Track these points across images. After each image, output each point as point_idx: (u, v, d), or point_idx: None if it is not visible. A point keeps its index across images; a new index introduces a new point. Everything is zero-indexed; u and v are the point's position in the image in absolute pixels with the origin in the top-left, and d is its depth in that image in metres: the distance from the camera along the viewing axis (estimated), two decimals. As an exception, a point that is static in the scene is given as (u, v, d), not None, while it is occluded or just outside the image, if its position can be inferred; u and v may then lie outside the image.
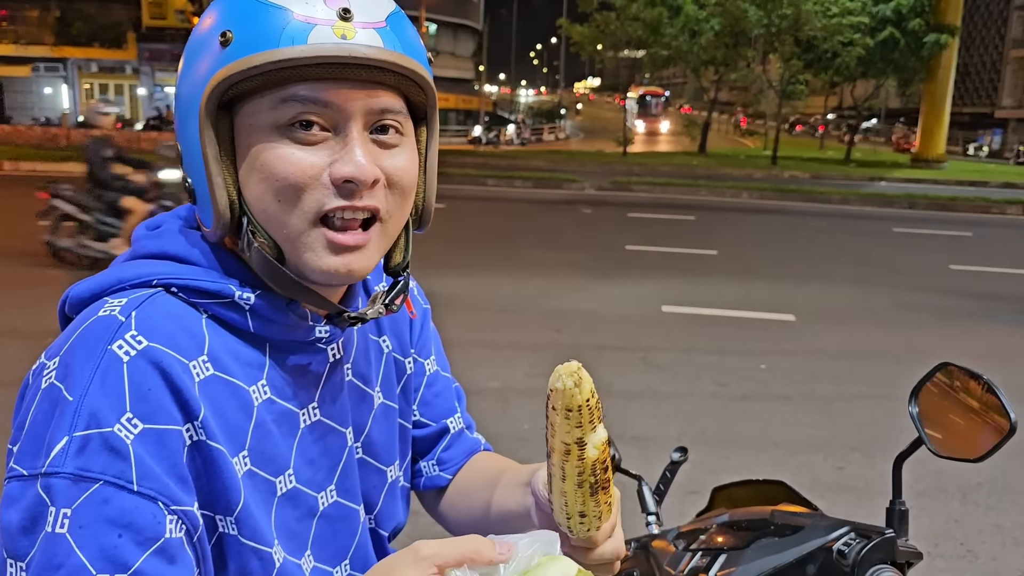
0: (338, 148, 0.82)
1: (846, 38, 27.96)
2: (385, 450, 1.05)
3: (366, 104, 0.83)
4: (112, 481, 0.73)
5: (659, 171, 23.85)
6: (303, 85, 0.80)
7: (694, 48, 29.85)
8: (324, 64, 0.80)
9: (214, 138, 0.83)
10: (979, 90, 56.96)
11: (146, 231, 0.92)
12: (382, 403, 1.05)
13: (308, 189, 0.82)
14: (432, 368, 1.17)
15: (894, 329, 7.81)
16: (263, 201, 0.83)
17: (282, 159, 0.81)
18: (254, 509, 0.85)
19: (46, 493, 0.72)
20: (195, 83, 0.83)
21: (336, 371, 0.96)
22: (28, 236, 9.37)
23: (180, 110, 0.87)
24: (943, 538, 3.94)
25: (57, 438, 0.74)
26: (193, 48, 0.86)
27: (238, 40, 0.80)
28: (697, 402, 5.65)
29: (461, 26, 53.34)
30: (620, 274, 9.85)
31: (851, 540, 1.06)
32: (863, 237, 13.77)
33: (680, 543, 1.33)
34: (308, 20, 0.79)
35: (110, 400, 0.75)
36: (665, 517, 1.65)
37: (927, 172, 28.25)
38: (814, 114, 49.88)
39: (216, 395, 0.82)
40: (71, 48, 35.86)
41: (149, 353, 0.78)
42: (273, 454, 0.88)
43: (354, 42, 0.80)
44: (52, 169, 19.11)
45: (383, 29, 0.82)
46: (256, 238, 0.84)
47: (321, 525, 0.94)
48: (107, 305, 0.81)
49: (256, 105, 0.82)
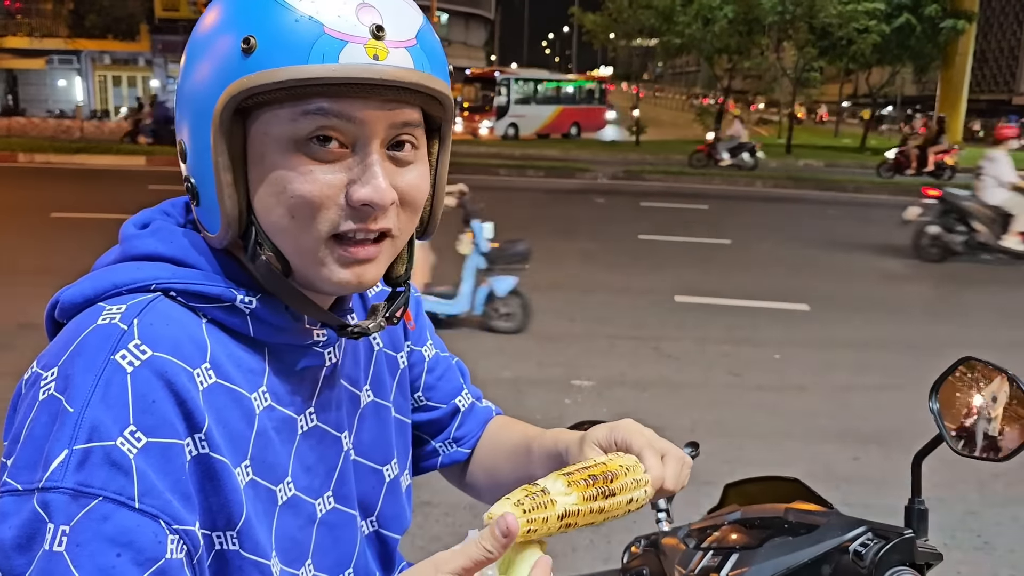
0: (356, 167, 0.79)
1: (861, 25, 27.67)
2: (378, 449, 1.03)
3: (388, 120, 0.80)
4: (112, 497, 0.70)
5: (672, 160, 23.72)
6: (327, 100, 0.77)
7: (707, 36, 29.61)
8: (353, 84, 0.76)
9: (226, 148, 0.79)
10: (996, 77, 56.45)
11: (136, 229, 0.88)
12: (371, 402, 1.02)
13: (324, 209, 0.79)
14: (431, 353, 1.16)
15: (911, 319, 7.74)
16: (275, 215, 0.80)
17: (299, 176, 0.78)
18: (255, 522, 0.82)
19: (44, 509, 0.69)
20: (208, 85, 0.79)
21: (332, 375, 0.94)
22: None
23: (188, 109, 0.82)
24: (960, 530, 3.90)
25: (56, 451, 0.70)
26: (200, 44, 0.81)
27: (263, 49, 0.75)
28: (711, 392, 5.62)
29: (473, 15, 53.26)
30: (633, 263, 9.82)
31: (868, 540, 1.02)
32: (878, 225, 13.65)
33: (691, 541, 1.30)
34: (340, 36, 0.76)
35: (113, 412, 0.72)
36: (676, 511, 1.62)
37: (943, 159, 27.97)
38: (830, 101, 49.53)
39: (219, 404, 0.80)
40: (85, 40, 35.97)
41: (154, 363, 0.75)
42: (273, 462, 0.86)
43: (386, 63, 0.77)
44: (66, 161, 19.24)
45: (414, 48, 0.79)
46: (263, 250, 0.82)
47: (321, 532, 0.92)
48: (105, 312, 0.77)
49: (274, 115, 0.78)
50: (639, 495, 0.87)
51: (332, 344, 0.92)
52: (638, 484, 0.87)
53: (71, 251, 8.62)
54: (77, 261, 0.93)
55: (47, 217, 11.36)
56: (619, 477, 0.84)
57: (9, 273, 8.13)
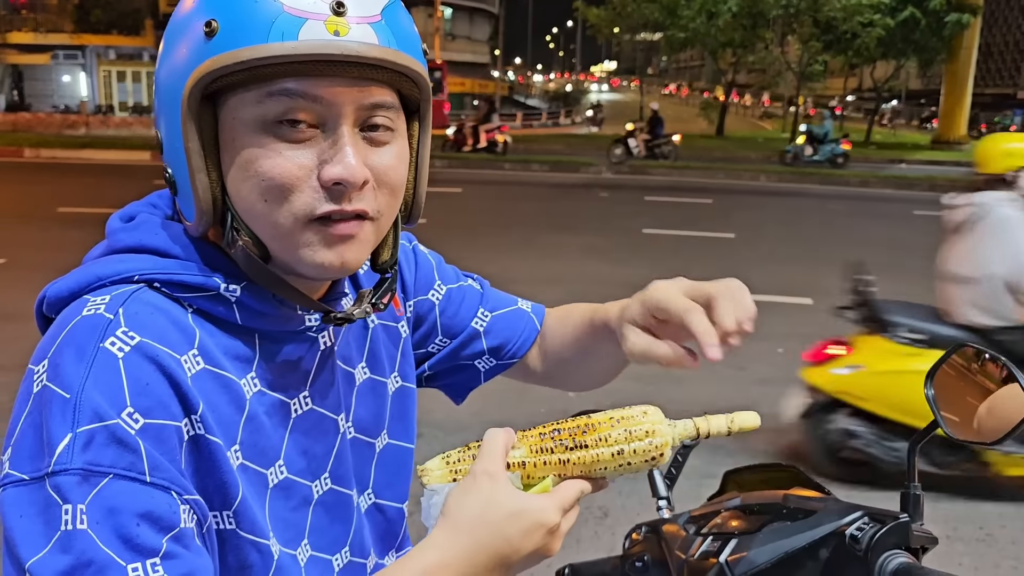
0: (327, 147, 0.80)
1: (866, 19, 27.61)
2: (374, 423, 1.03)
3: (357, 100, 0.80)
4: (123, 474, 0.72)
5: (676, 154, 23.68)
6: (292, 80, 0.77)
7: (711, 30, 29.59)
8: (315, 61, 0.77)
9: (196, 132, 0.79)
10: (1002, 70, 56.25)
11: (121, 223, 0.89)
12: (367, 379, 1.03)
13: (296, 190, 0.79)
14: (440, 293, 1.16)
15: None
16: (248, 199, 0.80)
17: (268, 158, 0.78)
18: (251, 502, 0.84)
19: (56, 492, 0.70)
20: (176, 72, 0.80)
21: (328, 358, 0.95)
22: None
23: (160, 97, 0.83)
24: (962, 522, 3.91)
25: (59, 436, 0.71)
26: (173, 32, 0.81)
27: (224, 31, 0.76)
28: (714, 385, 5.63)
29: (477, 10, 53.15)
30: (637, 258, 9.82)
31: (864, 525, 1.04)
32: (883, 220, 13.63)
33: (691, 527, 1.32)
34: (299, 14, 0.76)
35: (109, 396, 0.73)
36: (678, 501, 1.64)
37: (948, 154, 27.88)
38: (834, 96, 49.40)
39: (208, 389, 0.81)
40: (90, 35, 35.97)
41: (143, 348, 0.76)
42: (264, 446, 0.87)
43: (347, 39, 0.77)
44: (73, 156, 19.28)
45: (378, 24, 0.79)
46: (240, 236, 0.82)
47: (317, 513, 0.93)
48: (90, 303, 0.78)
49: (241, 99, 0.79)
50: (638, 447, 0.87)
51: (326, 328, 0.93)
52: (631, 436, 0.87)
53: (78, 246, 8.65)
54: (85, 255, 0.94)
55: (54, 212, 11.41)
56: (598, 430, 0.86)
57: (15, 269, 8.16)
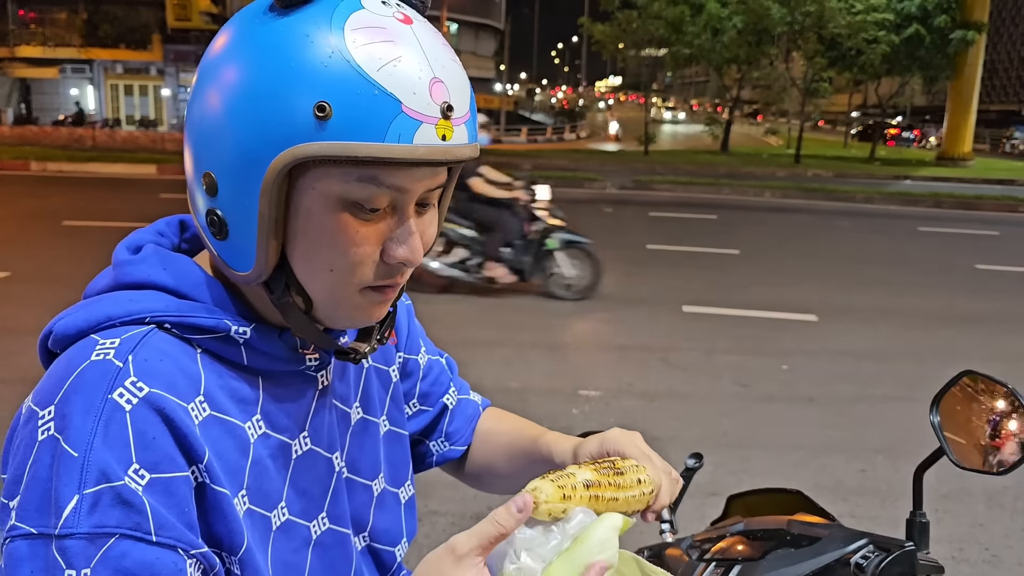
0: (393, 224, 0.81)
1: (871, 35, 27.68)
2: (368, 465, 1.03)
3: (428, 186, 0.82)
4: (129, 534, 0.71)
5: (681, 170, 23.70)
6: (383, 170, 0.76)
7: (716, 46, 29.66)
8: (423, 164, 0.78)
9: (276, 202, 0.77)
10: (1007, 87, 56.28)
11: (128, 254, 0.88)
12: (361, 418, 1.03)
13: (363, 265, 0.81)
14: (424, 359, 1.18)
15: (919, 330, 7.71)
16: (313, 267, 0.81)
17: (345, 235, 0.79)
18: (255, 550, 0.83)
19: (62, 556, 0.70)
20: (264, 137, 0.75)
21: (324, 397, 0.95)
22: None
23: (231, 150, 0.77)
24: (968, 543, 3.88)
25: (66, 497, 0.71)
26: (260, 93, 0.75)
27: (339, 119, 0.73)
28: (718, 403, 5.61)
29: (483, 26, 53.37)
30: (641, 273, 9.81)
31: (870, 553, 1.03)
32: (888, 236, 13.61)
33: (694, 552, 1.31)
34: (416, 116, 0.75)
35: (116, 453, 0.72)
36: (680, 522, 1.63)
37: (953, 170, 27.88)
38: (839, 112, 49.42)
39: (215, 437, 0.80)
40: (98, 49, 36.19)
41: (151, 400, 0.75)
42: (268, 489, 0.87)
43: (452, 143, 0.78)
44: (78, 170, 19.36)
45: (469, 121, 0.80)
46: (291, 293, 0.83)
47: (316, 554, 0.93)
48: (99, 347, 0.77)
49: (326, 172, 0.76)
50: (647, 489, 0.90)
51: (324, 367, 0.93)
52: (642, 482, 0.90)
53: (82, 260, 8.70)
54: (91, 270, 0.94)
55: (59, 225, 11.44)
56: (622, 464, 0.90)
57: (18, 282, 8.17)
